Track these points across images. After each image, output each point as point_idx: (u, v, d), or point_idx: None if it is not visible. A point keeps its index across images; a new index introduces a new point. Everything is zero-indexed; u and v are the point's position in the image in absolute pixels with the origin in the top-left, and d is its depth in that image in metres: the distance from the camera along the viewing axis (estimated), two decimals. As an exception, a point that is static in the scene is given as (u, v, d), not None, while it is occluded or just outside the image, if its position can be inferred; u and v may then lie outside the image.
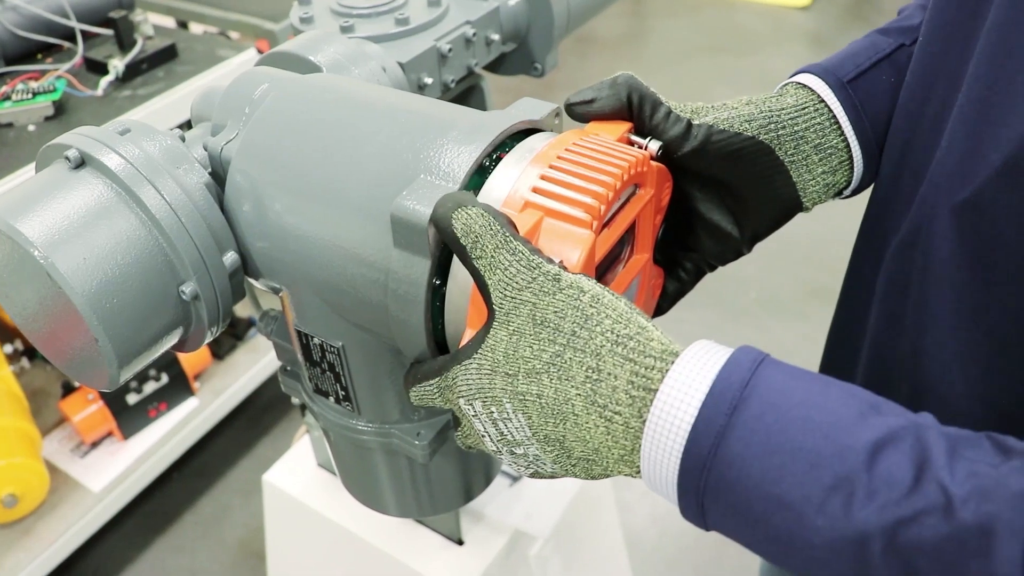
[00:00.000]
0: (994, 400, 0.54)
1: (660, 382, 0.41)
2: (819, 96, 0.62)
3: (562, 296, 0.43)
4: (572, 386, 0.43)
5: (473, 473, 0.67)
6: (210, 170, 0.55)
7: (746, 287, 2.50)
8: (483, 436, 0.47)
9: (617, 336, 0.43)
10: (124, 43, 1.57)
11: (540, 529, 1.12)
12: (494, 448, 0.48)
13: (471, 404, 0.46)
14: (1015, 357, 0.52)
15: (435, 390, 0.48)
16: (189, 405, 1.92)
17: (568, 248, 0.45)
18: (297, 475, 1.20)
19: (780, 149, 0.60)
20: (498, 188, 0.47)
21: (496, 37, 0.78)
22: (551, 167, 0.47)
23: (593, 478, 0.46)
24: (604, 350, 0.42)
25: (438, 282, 0.47)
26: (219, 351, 2.03)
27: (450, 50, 0.72)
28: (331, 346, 0.55)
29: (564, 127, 0.54)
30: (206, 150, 0.55)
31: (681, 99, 0.59)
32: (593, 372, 0.42)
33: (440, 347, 0.50)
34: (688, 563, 1.89)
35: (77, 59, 1.56)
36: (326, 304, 0.53)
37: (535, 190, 0.46)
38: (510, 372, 0.44)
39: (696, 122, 0.57)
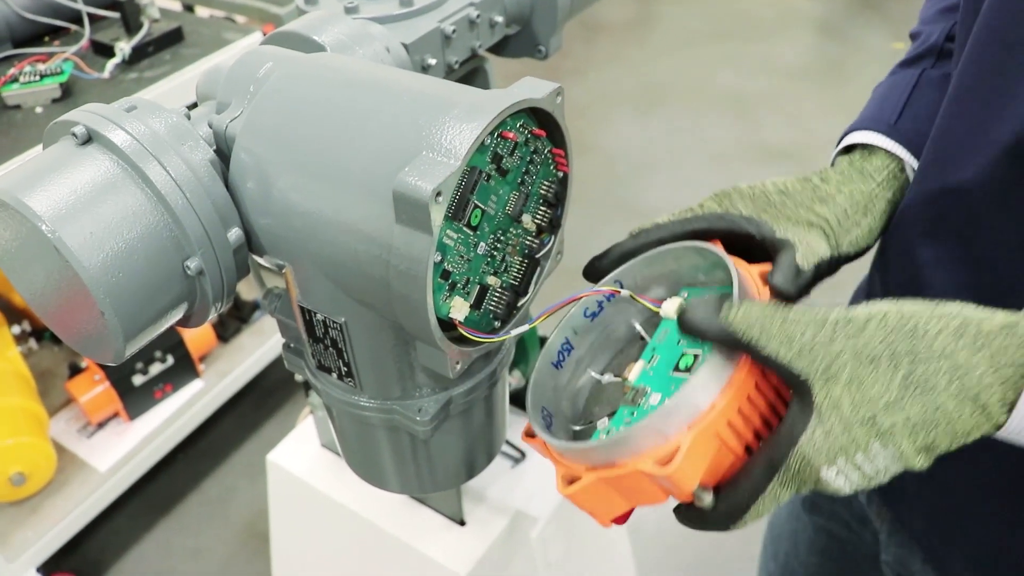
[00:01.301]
0: None
1: (1021, 353, 0.44)
2: (887, 151, 0.66)
3: (872, 327, 0.45)
4: (938, 392, 0.44)
5: (475, 450, 0.67)
6: (215, 147, 0.56)
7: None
8: (837, 485, 0.48)
9: (951, 332, 0.44)
10: (131, 26, 1.58)
11: (541, 510, 1.13)
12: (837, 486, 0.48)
13: (832, 467, 0.47)
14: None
15: (781, 487, 0.48)
16: (194, 387, 1.94)
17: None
18: (301, 455, 1.21)
19: (870, 214, 0.63)
20: (696, 402, 0.48)
21: (500, 19, 0.78)
22: (740, 412, 0.49)
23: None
24: (950, 348, 0.44)
25: (439, 258, 0.48)
26: (224, 333, 2.04)
27: (454, 31, 0.72)
28: (334, 322, 0.56)
29: (566, 107, 0.54)
30: (211, 128, 0.56)
31: (688, 85, 0.61)
32: (954, 370, 0.44)
33: (444, 324, 0.51)
34: (689, 548, 1.91)
35: (84, 42, 1.57)
36: (329, 280, 0.53)
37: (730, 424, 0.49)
38: (866, 416, 0.45)
39: (829, 255, 0.59)
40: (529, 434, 0.58)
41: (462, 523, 1.10)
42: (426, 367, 0.56)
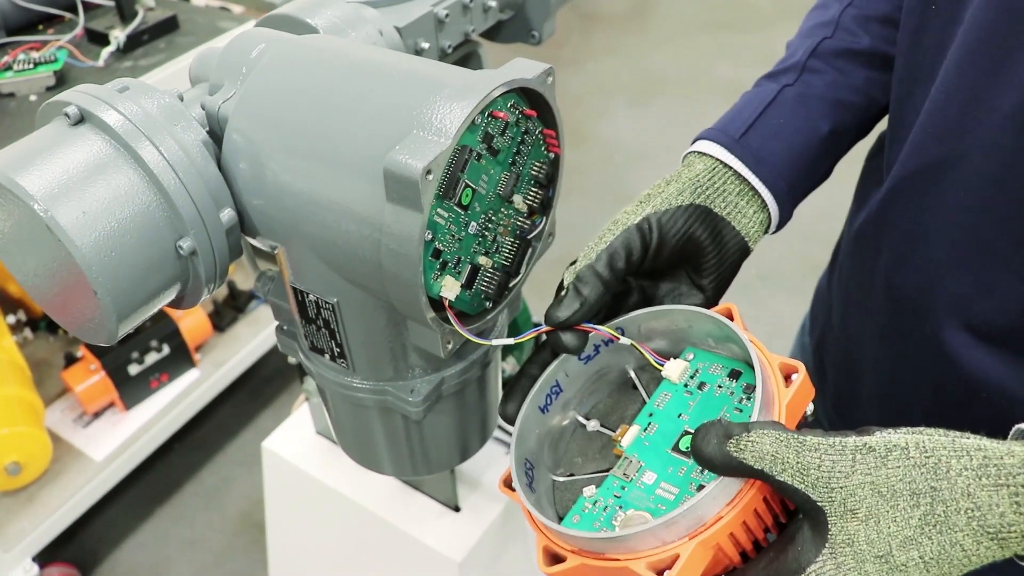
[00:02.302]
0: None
1: None
2: (718, 159, 0.66)
3: (893, 461, 0.45)
4: (956, 531, 0.44)
5: (468, 432, 0.68)
6: (208, 129, 0.56)
7: (747, 262, 2.51)
8: None
9: (973, 471, 0.44)
10: (125, 14, 1.57)
11: (536, 496, 1.13)
12: None
13: None
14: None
15: None
16: (190, 376, 1.94)
17: None
18: (296, 442, 1.22)
19: (715, 206, 0.64)
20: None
21: (493, 4, 0.78)
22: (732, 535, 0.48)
23: None
24: (972, 487, 0.44)
25: (430, 236, 0.48)
26: (220, 323, 2.04)
27: (447, 15, 0.72)
28: (326, 302, 0.56)
29: (563, 97, 0.54)
30: (203, 109, 0.56)
31: (686, 75, 0.62)
32: (974, 510, 0.44)
33: (435, 304, 0.51)
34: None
35: (78, 30, 1.56)
36: (321, 261, 0.54)
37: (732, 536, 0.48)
38: (880, 553, 0.45)
39: (637, 222, 0.60)
40: (508, 484, 0.57)
41: (457, 509, 1.10)
42: (418, 347, 0.57)
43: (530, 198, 0.55)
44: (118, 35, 1.53)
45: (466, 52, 0.82)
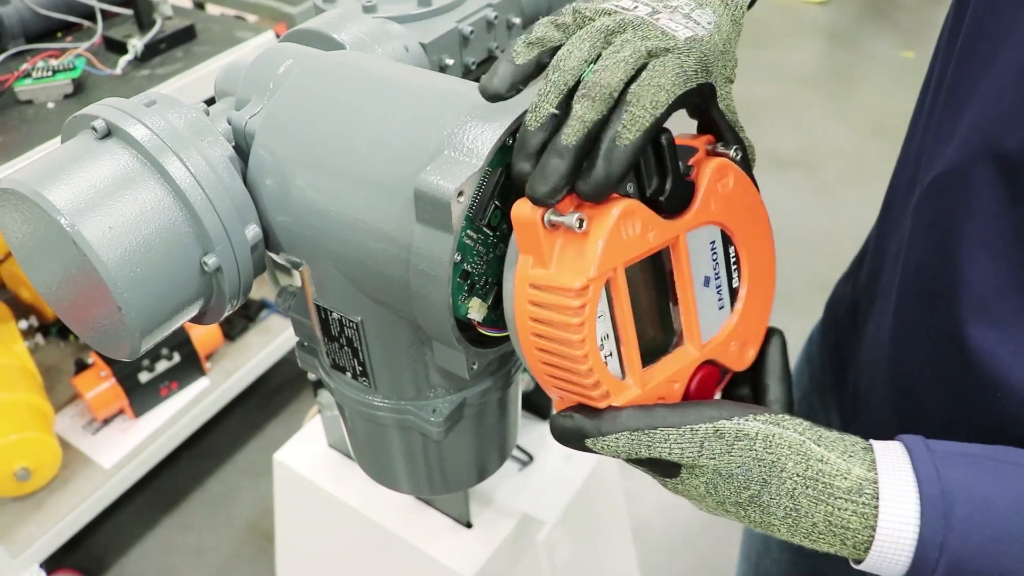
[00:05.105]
0: None
1: (862, 524, 0.47)
2: None
3: (737, 451, 0.49)
4: (775, 519, 0.49)
5: (487, 452, 0.67)
6: (234, 144, 0.55)
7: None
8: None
9: (804, 479, 0.48)
10: (143, 23, 1.58)
11: (548, 514, 1.13)
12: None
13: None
14: None
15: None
16: (200, 385, 1.94)
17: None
18: (308, 455, 1.21)
19: None
20: None
21: (517, 21, 0.78)
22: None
23: None
24: (797, 491, 0.48)
25: (459, 258, 0.48)
26: (231, 332, 2.04)
27: (472, 32, 0.72)
28: (350, 321, 0.56)
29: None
30: (230, 124, 0.56)
31: None
32: (792, 511, 0.49)
33: (461, 325, 0.51)
34: (692, 552, 1.90)
35: (96, 38, 1.57)
36: (346, 279, 0.53)
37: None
38: (718, 501, 0.50)
39: None
40: None
41: (469, 525, 1.10)
42: (441, 368, 0.56)
43: (557, 219, 0.54)
44: (136, 44, 1.53)
45: (489, 68, 0.82)
